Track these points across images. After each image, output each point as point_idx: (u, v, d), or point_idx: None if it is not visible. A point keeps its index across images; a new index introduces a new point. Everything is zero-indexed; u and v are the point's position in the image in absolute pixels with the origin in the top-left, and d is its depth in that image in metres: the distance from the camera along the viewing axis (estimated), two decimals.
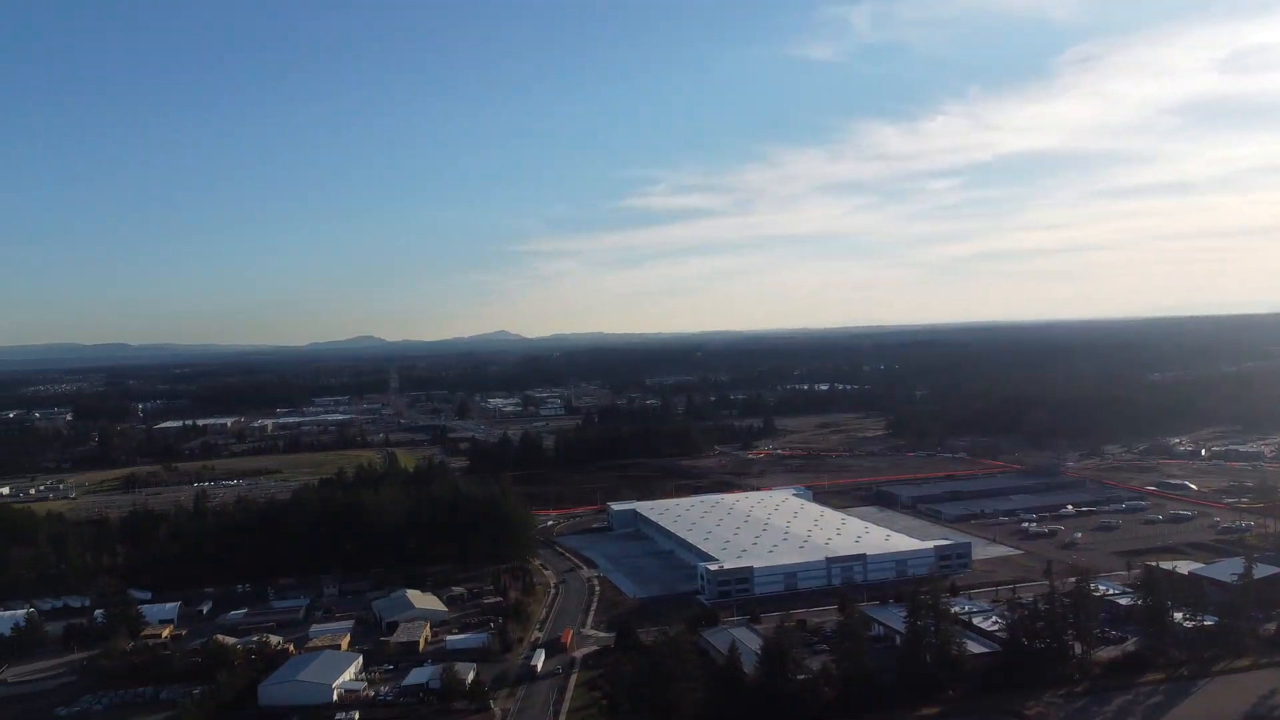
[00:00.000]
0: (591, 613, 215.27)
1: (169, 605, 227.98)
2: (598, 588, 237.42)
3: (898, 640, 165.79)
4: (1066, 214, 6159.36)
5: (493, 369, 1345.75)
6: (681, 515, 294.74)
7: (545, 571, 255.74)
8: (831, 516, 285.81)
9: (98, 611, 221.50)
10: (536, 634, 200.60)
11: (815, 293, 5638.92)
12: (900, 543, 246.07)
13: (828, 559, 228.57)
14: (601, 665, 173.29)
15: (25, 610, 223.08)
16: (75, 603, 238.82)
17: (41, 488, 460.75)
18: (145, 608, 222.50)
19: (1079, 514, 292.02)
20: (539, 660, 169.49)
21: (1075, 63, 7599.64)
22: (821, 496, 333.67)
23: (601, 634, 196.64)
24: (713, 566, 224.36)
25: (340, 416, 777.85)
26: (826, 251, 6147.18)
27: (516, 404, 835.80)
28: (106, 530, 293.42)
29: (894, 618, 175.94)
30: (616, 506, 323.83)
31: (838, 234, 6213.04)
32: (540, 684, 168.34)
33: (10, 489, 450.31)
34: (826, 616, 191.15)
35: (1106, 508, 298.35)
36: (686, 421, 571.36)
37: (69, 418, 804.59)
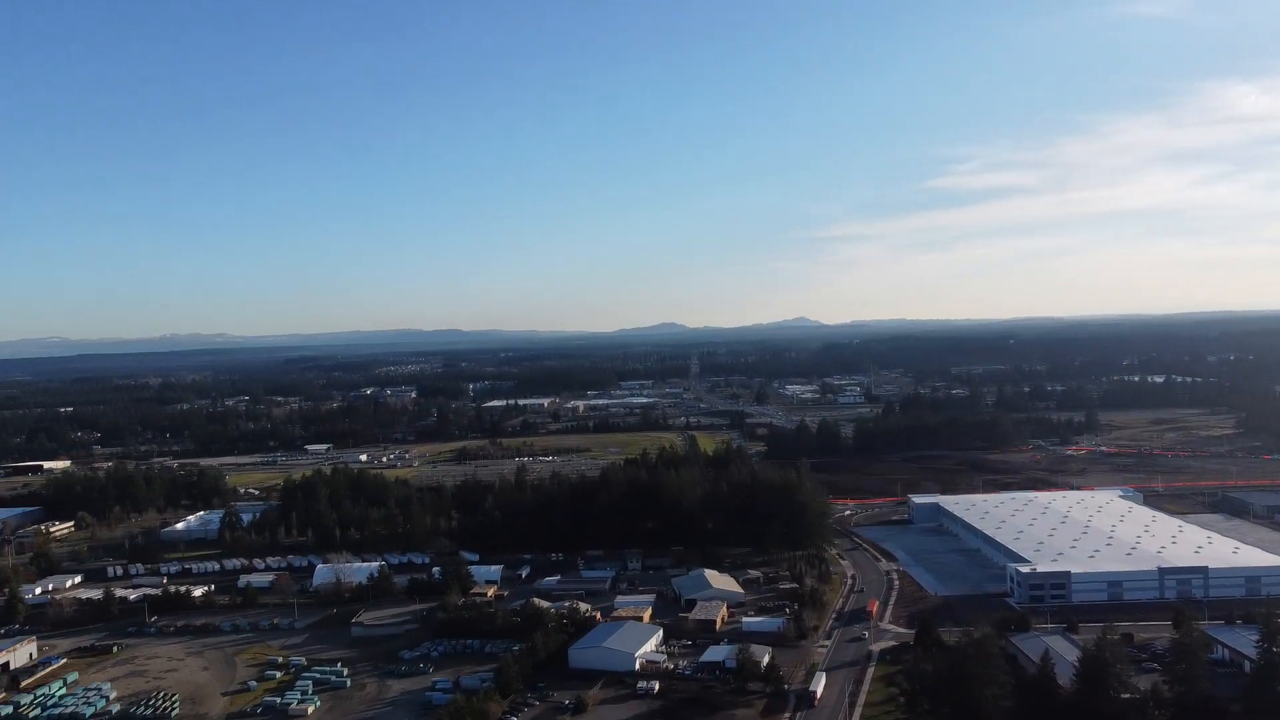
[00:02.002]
0: (890, 606, 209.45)
1: (493, 568, 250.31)
2: (897, 581, 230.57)
3: (1246, 666, 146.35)
4: None
5: (791, 355, 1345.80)
6: (990, 512, 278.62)
7: (842, 561, 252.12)
8: (1166, 523, 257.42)
9: (435, 568, 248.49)
10: (832, 622, 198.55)
11: (1147, 274, 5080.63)
12: (1252, 556, 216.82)
13: (1160, 569, 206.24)
14: (900, 662, 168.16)
15: (378, 563, 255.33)
16: (418, 559, 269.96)
17: (391, 456, 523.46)
18: (474, 568, 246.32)
19: None
20: (819, 685, 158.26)
21: None
22: (1154, 500, 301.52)
23: (901, 629, 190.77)
24: (1025, 568, 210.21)
25: (644, 399, 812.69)
26: (1162, 228, 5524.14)
27: (814, 391, 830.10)
28: (443, 497, 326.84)
29: (1242, 641, 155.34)
30: (918, 499, 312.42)
31: (1176, 208, 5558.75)
32: (838, 673, 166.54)
33: (367, 456, 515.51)
34: (1157, 633, 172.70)
35: None
36: (996, 413, 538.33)
37: (413, 395, 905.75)
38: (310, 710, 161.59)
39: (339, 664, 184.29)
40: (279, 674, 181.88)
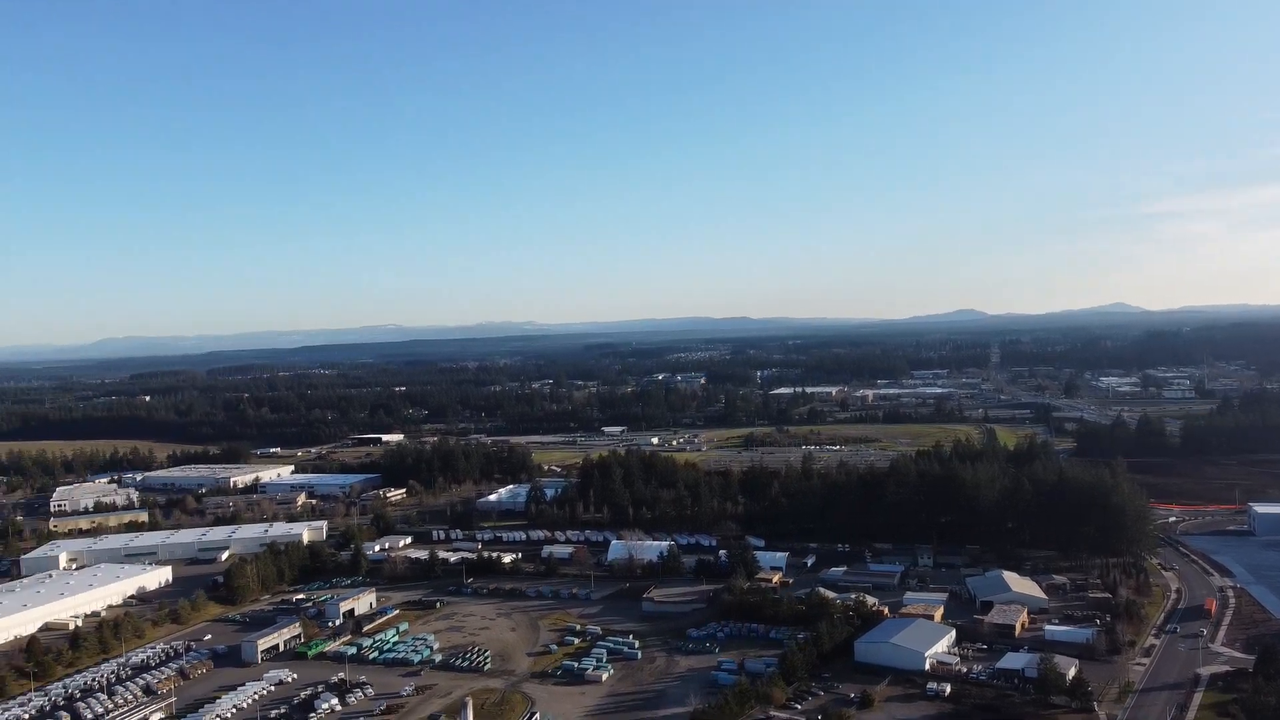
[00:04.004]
0: (1223, 627, 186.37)
1: (778, 554, 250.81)
2: (1232, 599, 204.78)
3: None
4: None
5: (1106, 345, 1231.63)
6: None
7: (1164, 573, 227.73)
8: None
9: (721, 552, 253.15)
10: (1151, 638, 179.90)
11: None
12: None
13: None
14: (1235, 690, 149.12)
15: (667, 543, 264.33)
16: (704, 541, 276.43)
17: (681, 440, 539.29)
18: (759, 554, 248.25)
19: None
20: None
21: None
22: None
23: (1236, 653, 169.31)
24: None
25: (938, 390, 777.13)
26: None
27: (1134, 384, 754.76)
28: (730, 482, 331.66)
29: None
30: (1261, 508, 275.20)
31: None
32: (1157, 695, 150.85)
33: (658, 439, 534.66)
34: None
35: None
36: None
37: (703, 382, 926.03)
38: (604, 677, 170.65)
39: (630, 636, 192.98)
40: (577, 640, 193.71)
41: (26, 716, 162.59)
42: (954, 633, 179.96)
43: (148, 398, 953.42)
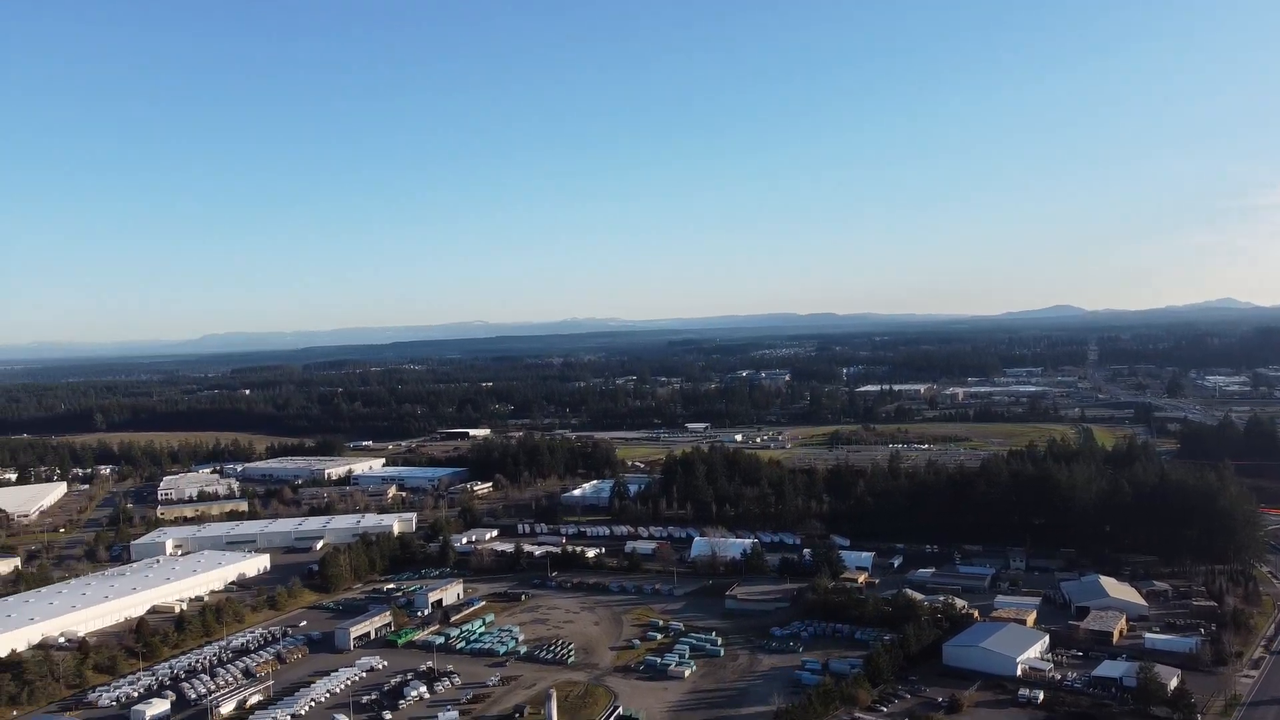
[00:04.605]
0: None
1: (864, 554, 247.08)
2: None
3: None
4: None
5: (1213, 342, 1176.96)
6: None
7: (1275, 581, 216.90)
8: None
9: (805, 550, 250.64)
10: (1260, 650, 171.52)
11: None
12: None
13: None
14: None
15: (751, 540, 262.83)
16: (788, 539, 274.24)
17: (765, 437, 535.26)
18: (844, 553, 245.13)
19: None
20: None
21: None
22: None
23: None
24: None
25: (1032, 388, 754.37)
26: None
27: (1243, 383, 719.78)
28: (814, 480, 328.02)
29: None
30: None
31: None
32: (1267, 709, 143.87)
33: (742, 436, 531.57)
34: None
35: None
36: None
37: (787, 378, 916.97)
38: (687, 674, 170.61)
39: (713, 633, 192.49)
40: (660, 636, 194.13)
41: (135, 694, 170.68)
42: (1047, 638, 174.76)
43: (248, 391, 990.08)
